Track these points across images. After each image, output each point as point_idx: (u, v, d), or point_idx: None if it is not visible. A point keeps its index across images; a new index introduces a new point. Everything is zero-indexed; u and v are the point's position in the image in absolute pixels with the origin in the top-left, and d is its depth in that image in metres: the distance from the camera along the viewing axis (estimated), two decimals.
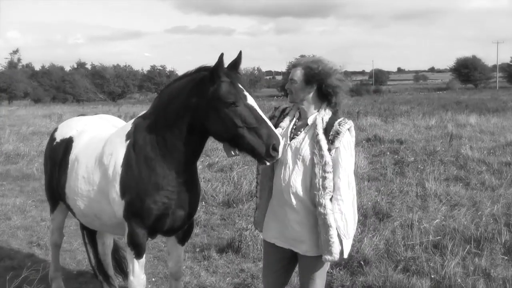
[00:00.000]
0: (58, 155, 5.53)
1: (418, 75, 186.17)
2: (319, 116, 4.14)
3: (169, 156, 4.51)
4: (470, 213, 8.43)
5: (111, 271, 6.32)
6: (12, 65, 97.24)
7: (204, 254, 7.57)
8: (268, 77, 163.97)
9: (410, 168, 12.25)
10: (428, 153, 14.12)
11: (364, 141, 17.08)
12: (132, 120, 4.96)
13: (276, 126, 4.29)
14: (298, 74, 4.18)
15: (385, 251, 6.86)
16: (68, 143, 5.50)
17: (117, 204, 4.69)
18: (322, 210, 3.95)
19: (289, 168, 4.14)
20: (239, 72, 4.34)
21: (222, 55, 4.14)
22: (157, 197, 4.55)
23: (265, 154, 4.00)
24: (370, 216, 8.56)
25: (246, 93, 4.18)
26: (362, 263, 6.47)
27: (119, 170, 4.68)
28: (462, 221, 7.70)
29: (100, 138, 5.17)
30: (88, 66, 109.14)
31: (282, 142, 4.00)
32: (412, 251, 6.73)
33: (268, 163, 4.09)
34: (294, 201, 4.10)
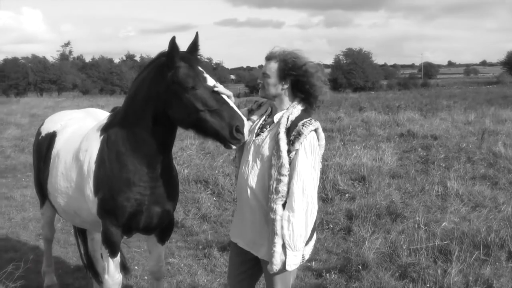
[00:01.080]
0: (43, 150, 5.49)
1: (469, 69, 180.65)
2: (286, 114, 3.84)
3: (139, 149, 4.35)
4: (491, 215, 7.96)
5: (100, 267, 6.19)
6: (63, 57, 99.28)
7: (205, 252, 7.36)
8: None
9: (436, 166, 11.72)
10: (459, 149, 13.53)
11: (396, 136, 16.57)
12: (109, 114, 4.82)
13: (248, 120, 4.05)
14: (272, 68, 3.86)
15: (387, 255, 6.47)
16: (51, 137, 5.43)
17: (91, 202, 4.59)
18: (272, 216, 3.70)
19: (248, 166, 3.90)
20: (199, 54, 4.13)
21: (173, 38, 3.95)
22: (130, 194, 4.40)
23: (229, 137, 3.78)
24: (383, 216, 8.18)
25: (206, 75, 3.98)
26: (360, 267, 6.12)
27: (93, 166, 4.58)
28: (475, 224, 7.20)
29: (80, 133, 5.07)
30: (137, 59, 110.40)
31: (247, 124, 3.78)
32: (416, 256, 6.30)
33: (234, 147, 3.87)
34: (251, 201, 3.87)
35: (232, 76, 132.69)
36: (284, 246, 3.68)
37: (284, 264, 3.71)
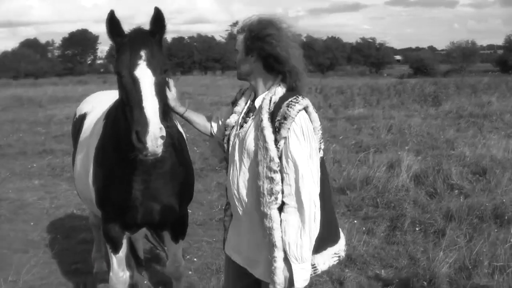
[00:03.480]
0: (75, 132, 5.33)
1: None
2: (268, 96, 3.08)
3: (125, 137, 3.78)
4: None
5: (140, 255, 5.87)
6: (232, 36, 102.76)
7: None
8: (489, 51, 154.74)
9: None
10: None
11: None
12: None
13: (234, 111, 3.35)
14: (239, 41, 3.18)
15: (466, 271, 5.37)
16: (82, 120, 5.25)
17: (91, 191, 4.24)
18: (267, 223, 2.94)
19: (236, 167, 3.16)
20: (159, 35, 3.40)
21: (110, 12, 3.28)
22: (120, 186, 3.95)
23: (132, 143, 3.04)
24: (487, 219, 6.95)
25: (142, 61, 3.20)
26: (426, 283, 5.13)
27: (93, 153, 4.22)
28: None
29: (98, 117, 4.67)
30: (303, 38, 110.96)
31: (152, 132, 2.96)
32: (497, 276, 5.14)
33: (140, 156, 3.07)
34: (246, 210, 3.13)
35: (397, 57, 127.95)
36: (287, 260, 2.96)
37: (291, 281, 2.97)
